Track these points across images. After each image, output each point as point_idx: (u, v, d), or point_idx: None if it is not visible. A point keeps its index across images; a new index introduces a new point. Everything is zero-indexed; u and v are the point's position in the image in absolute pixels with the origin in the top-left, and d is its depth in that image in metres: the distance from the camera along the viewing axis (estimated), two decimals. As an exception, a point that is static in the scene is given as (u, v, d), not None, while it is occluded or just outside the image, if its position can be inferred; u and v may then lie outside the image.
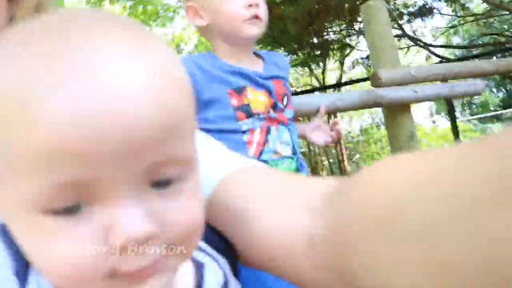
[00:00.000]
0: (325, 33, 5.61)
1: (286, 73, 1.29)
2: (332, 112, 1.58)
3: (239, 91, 1.13)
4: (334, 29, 5.72)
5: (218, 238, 0.42)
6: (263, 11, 1.14)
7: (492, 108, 14.98)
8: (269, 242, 0.39)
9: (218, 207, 0.43)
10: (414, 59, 9.42)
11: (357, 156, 9.92)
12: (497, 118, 13.47)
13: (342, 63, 7.01)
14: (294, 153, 1.18)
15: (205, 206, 0.36)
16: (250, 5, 1.12)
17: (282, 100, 1.21)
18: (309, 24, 4.50)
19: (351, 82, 5.23)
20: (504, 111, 13.23)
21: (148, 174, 0.28)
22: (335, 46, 6.15)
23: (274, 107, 1.17)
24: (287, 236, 0.37)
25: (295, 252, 0.37)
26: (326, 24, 5.23)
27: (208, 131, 1.13)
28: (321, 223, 0.35)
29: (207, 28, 1.19)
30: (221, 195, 0.43)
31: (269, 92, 1.17)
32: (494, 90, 16.85)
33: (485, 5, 6.36)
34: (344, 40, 6.16)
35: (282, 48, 5.17)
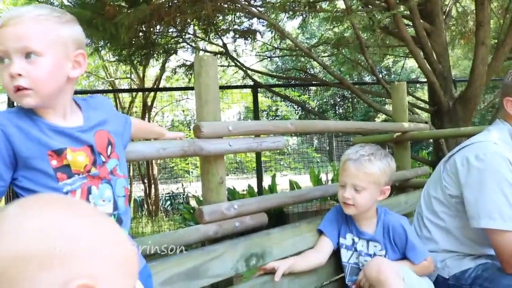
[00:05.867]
0: (154, 37, 5.65)
1: (110, 113, 1.30)
2: (156, 158, 1.71)
3: (59, 152, 1.12)
4: (164, 35, 5.79)
5: None
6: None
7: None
8: None
9: None
10: (233, 77, 10.04)
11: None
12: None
13: (163, 66, 7.13)
14: (116, 208, 1.23)
15: None
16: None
17: (107, 151, 1.23)
18: (140, 30, 4.52)
19: (170, 89, 5.41)
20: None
21: None
22: (160, 50, 6.18)
23: (95, 163, 1.19)
24: None
25: None
26: (156, 29, 5.30)
27: (28, 190, 1.12)
28: None
29: None
30: None
31: (91, 147, 1.19)
32: (295, 106, 19.29)
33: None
34: (169, 45, 6.23)
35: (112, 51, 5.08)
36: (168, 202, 8.98)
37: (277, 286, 1.76)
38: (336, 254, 1.98)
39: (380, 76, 5.72)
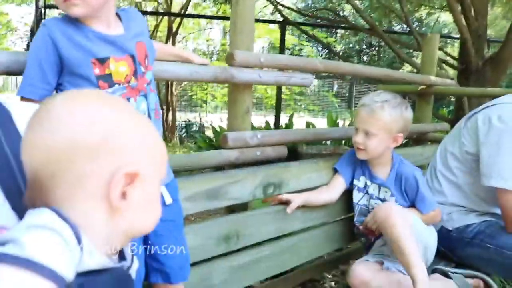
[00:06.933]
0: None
1: (145, 26, 1.34)
2: (188, 80, 1.75)
3: (102, 61, 1.17)
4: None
5: None
6: None
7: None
8: None
9: None
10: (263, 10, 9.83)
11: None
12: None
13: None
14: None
15: None
16: None
17: (145, 62, 1.28)
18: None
19: (197, 16, 5.35)
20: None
21: None
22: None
23: (135, 73, 1.23)
24: None
25: None
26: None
27: None
28: None
29: None
30: None
31: (132, 57, 1.23)
32: (320, 48, 18.95)
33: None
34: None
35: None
36: (184, 130, 9.11)
37: (290, 216, 1.85)
38: (347, 194, 2.06)
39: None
